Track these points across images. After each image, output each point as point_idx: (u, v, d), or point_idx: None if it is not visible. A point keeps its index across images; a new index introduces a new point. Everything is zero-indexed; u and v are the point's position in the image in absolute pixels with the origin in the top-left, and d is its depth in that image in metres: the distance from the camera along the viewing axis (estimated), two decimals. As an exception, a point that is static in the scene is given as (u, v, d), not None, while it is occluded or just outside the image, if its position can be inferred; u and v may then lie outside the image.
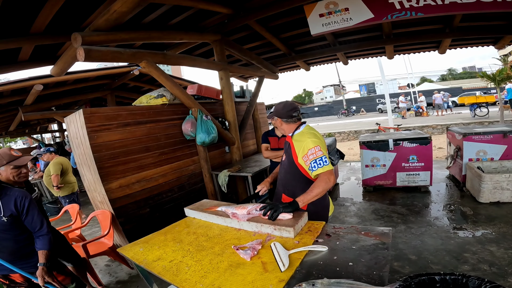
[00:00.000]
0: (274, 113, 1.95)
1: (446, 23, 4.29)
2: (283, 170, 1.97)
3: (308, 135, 1.78)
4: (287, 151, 1.92)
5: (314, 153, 1.67)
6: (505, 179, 3.44)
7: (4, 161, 1.87)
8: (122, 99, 7.55)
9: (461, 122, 11.10)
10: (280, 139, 3.19)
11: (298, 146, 1.78)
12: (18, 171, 1.92)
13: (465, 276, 1.39)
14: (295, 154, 1.81)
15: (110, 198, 2.91)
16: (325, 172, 1.64)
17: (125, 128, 3.08)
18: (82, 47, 2.47)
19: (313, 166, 1.66)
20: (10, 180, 1.91)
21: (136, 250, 1.63)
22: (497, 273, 2.24)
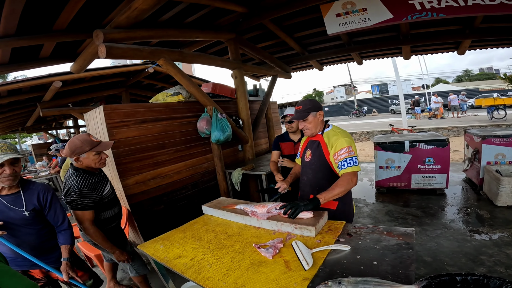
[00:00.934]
0: (313, 108, 1.85)
1: (466, 24, 4.18)
2: (311, 170, 1.93)
3: (342, 134, 1.81)
4: (316, 150, 1.88)
5: (346, 152, 1.70)
6: (525, 183, 3.35)
7: (86, 148, 1.85)
8: (136, 97, 7.67)
9: (478, 125, 10.81)
10: (297, 144, 2.83)
11: (332, 143, 1.79)
12: (99, 157, 1.92)
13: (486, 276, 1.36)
14: (328, 152, 1.81)
15: (127, 194, 2.96)
16: (350, 172, 1.67)
17: (142, 125, 3.12)
18: (103, 44, 2.51)
19: (343, 164, 1.69)
20: (89, 167, 1.91)
21: (156, 247, 1.64)
22: None
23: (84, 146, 1.84)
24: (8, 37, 2.70)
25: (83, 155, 1.85)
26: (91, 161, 1.88)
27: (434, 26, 4.33)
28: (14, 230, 1.63)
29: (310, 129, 1.88)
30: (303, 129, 1.90)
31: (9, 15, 2.35)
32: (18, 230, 1.66)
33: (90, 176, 1.89)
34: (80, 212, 1.83)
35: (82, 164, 1.89)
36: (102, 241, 1.93)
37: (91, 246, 2.81)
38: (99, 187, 1.93)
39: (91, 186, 1.86)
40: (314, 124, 1.87)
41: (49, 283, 1.89)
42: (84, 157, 1.86)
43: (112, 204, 2.08)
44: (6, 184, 1.59)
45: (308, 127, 1.87)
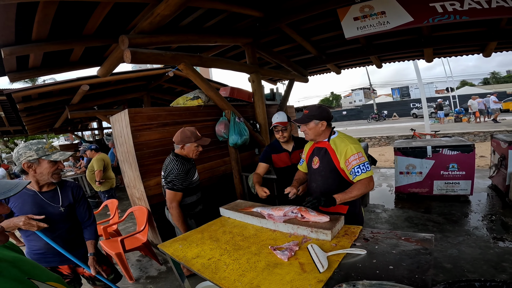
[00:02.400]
0: (317, 116, 1.85)
1: (491, 26, 4.01)
2: (320, 177, 1.93)
3: (349, 140, 1.83)
4: (324, 157, 1.88)
5: (357, 159, 1.73)
6: (557, 191, 3.16)
7: (192, 139, 2.29)
8: (156, 100, 7.92)
9: (505, 130, 10.25)
10: (292, 153, 2.58)
11: (340, 151, 1.80)
12: (197, 149, 2.35)
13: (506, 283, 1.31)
14: (337, 159, 1.82)
15: (148, 195, 3.07)
16: (367, 178, 1.72)
17: (164, 128, 3.24)
18: (129, 49, 2.64)
19: (356, 171, 1.73)
20: (188, 156, 2.33)
21: (175, 247, 1.69)
22: None
23: (191, 137, 2.29)
24: (41, 41, 2.85)
25: (187, 144, 2.28)
26: (191, 151, 2.32)
27: (458, 28, 4.18)
28: (51, 226, 1.74)
29: (309, 135, 1.91)
30: (304, 132, 1.92)
31: (41, 20, 2.49)
32: (54, 225, 1.77)
33: (186, 163, 2.29)
34: (173, 192, 2.21)
35: (184, 151, 2.31)
36: (181, 222, 2.25)
37: (112, 244, 2.95)
38: (191, 173, 2.32)
39: (186, 170, 2.25)
40: (314, 131, 1.88)
41: (74, 278, 1.98)
42: (188, 146, 2.29)
43: (196, 190, 2.46)
44: (55, 179, 1.76)
45: (307, 132, 1.89)
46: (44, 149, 1.68)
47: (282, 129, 2.49)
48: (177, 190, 2.22)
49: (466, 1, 2.87)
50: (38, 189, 1.74)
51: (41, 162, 1.67)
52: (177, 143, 2.31)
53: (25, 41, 2.81)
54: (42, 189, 1.76)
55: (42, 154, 1.66)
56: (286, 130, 2.51)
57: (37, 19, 2.47)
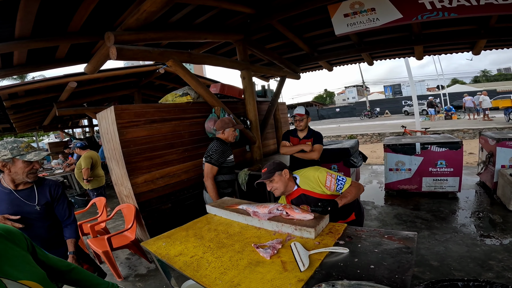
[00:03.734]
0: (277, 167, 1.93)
1: (481, 24, 4.05)
2: None
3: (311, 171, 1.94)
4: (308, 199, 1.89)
5: (331, 179, 1.86)
6: (542, 188, 3.22)
7: (230, 125, 2.74)
8: (148, 97, 7.84)
9: (495, 127, 10.43)
10: (301, 140, 3.14)
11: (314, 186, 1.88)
12: (234, 133, 2.78)
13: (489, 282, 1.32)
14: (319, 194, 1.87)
15: (135, 193, 3.03)
16: (349, 186, 1.83)
17: (152, 125, 3.20)
18: (114, 46, 2.58)
19: (339, 188, 1.84)
20: (227, 139, 2.76)
21: (159, 245, 1.68)
22: None
23: (229, 123, 2.75)
24: (24, 38, 2.79)
25: (227, 129, 2.73)
26: (230, 135, 2.75)
27: (448, 26, 4.22)
28: (28, 224, 1.72)
29: (279, 189, 1.91)
30: (272, 190, 1.93)
31: (24, 17, 2.43)
32: (32, 224, 1.75)
33: (224, 145, 2.71)
34: (210, 165, 2.58)
35: (224, 136, 2.75)
36: (215, 193, 2.57)
37: (99, 243, 2.91)
38: (227, 153, 2.68)
39: (223, 149, 2.64)
40: (281, 183, 1.91)
41: None
42: (227, 131, 2.73)
43: (230, 171, 2.79)
44: (31, 179, 1.73)
45: (276, 187, 1.90)
46: (19, 148, 1.64)
47: (299, 119, 3.06)
48: (213, 164, 2.58)
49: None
50: (14, 187, 1.72)
51: (16, 162, 1.64)
52: (218, 129, 2.76)
53: (8, 39, 2.75)
54: (18, 187, 1.73)
55: (17, 153, 1.62)
56: (302, 120, 3.06)
57: (19, 16, 2.41)
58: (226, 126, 2.73)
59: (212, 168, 2.58)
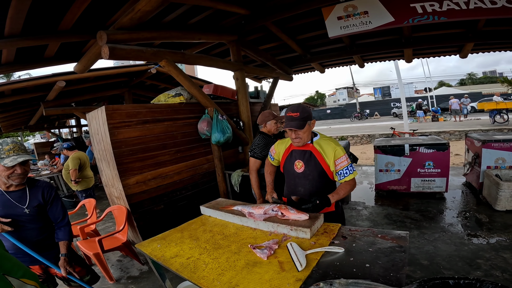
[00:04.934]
0: (309, 117, 1.78)
1: (469, 28, 4.16)
2: (308, 181, 1.87)
3: (335, 142, 1.85)
4: (310, 160, 1.84)
5: (345, 161, 1.77)
6: (524, 188, 3.34)
7: (271, 117, 2.77)
8: (139, 97, 7.73)
9: (480, 129, 10.77)
10: None
11: (328, 154, 1.79)
12: (276, 125, 2.80)
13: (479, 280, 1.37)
14: (325, 162, 1.80)
15: (126, 194, 2.99)
16: (353, 179, 1.81)
17: (144, 126, 3.16)
18: (107, 45, 2.55)
19: (345, 172, 1.77)
20: (270, 132, 2.79)
21: (154, 247, 1.66)
22: (509, 279, 2.23)
23: (270, 116, 2.77)
24: (14, 37, 2.72)
25: (268, 122, 2.77)
26: (272, 127, 2.78)
27: (437, 29, 4.31)
28: (18, 226, 1.68)
29: (303, 139, 1.80)
30: (294, 139, 1.82)
31: (15, 15, 2.37)
32: (22, 226, 1.71)
33: (267, 137, 2.74)
34: (253, 159, 2.59)
35: (266, 129, 2.79)
36: (256, 187, 2.54)
37: (90, 245, 2.86)
38: (270, 146, 2.41)
39: (266, 143, 2.65)
40: (307, 134, 1.81)
41: (47, 279, 1.93)
42: (269, 123, 2.77)
43: None
44: (16, 182, 1.67)
45: (301, 136, 1.78)
46: (2, 151, 1.60)
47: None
48: (256, 158, 2.58)
49: (445, 2, 2.95)
50: (5, 188, 1.69)
51: None
52: (260, 123, 2.82)
53: (-4, 37, 2.68)
54: (9, 188, 1.70)
55: None
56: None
57: (10, 14, 2.35)
58: (267, 119, 2.77)
59: (255, 161, 2.58)
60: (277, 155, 2.06)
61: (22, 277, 0.87)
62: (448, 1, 2.92)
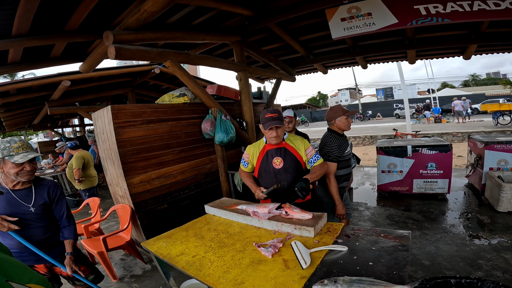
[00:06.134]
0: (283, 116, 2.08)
1: (472, 29, 4.17)
2: (288, 174, 2.08)
3: (300, 137, 2.19)
4: (286, 155, 2.08)
5: (311, 150, 2.11)
6: (526, 189, 3.34)
7: (340, 113, 2.46)
8: (142, 97, 7.77)
9: (483, 130, 10.73)
10: None
11: (298, 147, 2.09)
12: (348, 121, 2.47)
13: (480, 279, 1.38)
14: (299, 154, 2.09)
15: (131, 193, 3.02)
16: (321, 163, 2.10)
17: (148, 125, 3.19)
18: (113, 45, 2.58)
19: (314, 159, 2.08)
20: (340, 129, 2.49)
21: (159, 245, 1.69)
22: (510, 279, 2.25)
23: (339, 111, 2.46)
24: (21, 36, 2.75)
25: (338, 118, 2.45)
26: (343, 123, 2.46)
27: (440, 31, 4.32)
28: (24, 225, 1.70)
29: (280, 136, 2.04)
30: (275, 137, 2.00)
31: (23, 15, 2.39)
32: (27, 224, 1.73)
33: (339, 137, 2.46)
34: (329, 163, 2.38)
35: (336, 126, 2.49)
36: (336, 191, 2.38)
37: (94, 243, 2.89)
38: (343, 146, 2.45)
39: (338, 144, 2.41)
40: (283, 132, 2.08)
41: (52, 278, 1.95)
42: (338, 120, 2.45)
43: (347, 164, 2.58)
44: (25, 179, 1.70)
45: (280, 134, 2.02)
46: (11, 148, 1.62)
47: (288, 120, 3.13)
48: (331, 161, 2.40)
49: (449, 4, 2.96)
50: (12, 187, 1.71)
51: (6, 162, 1.63)
52: (329, 119, 2.55)
53: (4, 36, 2.70)
54: (15, 187, 1.72)
55: (7, 154, 1.61)
56: (291, 122, 3.17)
57: (18, 14, 2.37)
58: (337, 116, 2.48)
59: (331, 165, 2.40)
60: (251, 159, 2.20)
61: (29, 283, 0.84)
62: (452, 2, 2.93)
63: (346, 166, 2.56)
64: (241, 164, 2.31)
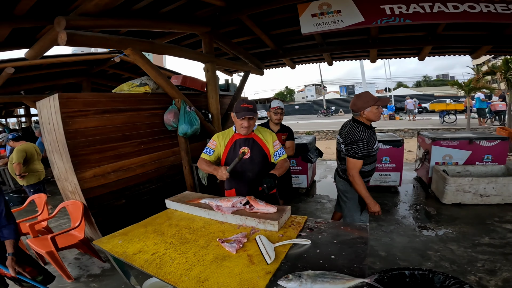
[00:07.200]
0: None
1: (430, 31, 4.44)
2: (254, 165, 2.06)
3: (268, 130, 2.18)
4: (254, 146, 2.07)
5: (278, 144, 2.12)
6: (467, 182, 3.72)
7: (371, 102, 2.12)
8: (99, 86, 7.21)
9: (431, 128, 11.77)
10: (277, 134, 2.99)
11: (267, 139, 2.11)
12: (379, 110, 2.16)
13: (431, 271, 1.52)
14: (266, 146, 2.10)
15: (82, 188, 2.79)
16: (285, 158, 2.12)
17: (104, 115, 2.95)
18: (65, 31, 2.33)
19: (279, 153, 2.11)
20: (370, 120, 2.19)
21: (114, 243, 1.57)
22: (457, 270, 2.41)
23: (370, 100, 2.13)
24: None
25: (368, 108, 2.13)
26: (373, 114, 2.15)
27: (401, 32, 4.55)
28: None
29: (251, 127, 2.03)
30: (246, 127, 1.98)
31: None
32: None
33: (368, 130, 2.17)
34: (354, 160, 2.13)
35: (365, 117, 2.17)
36: (363, 188, 2.16)
37: (42, 243, 2.64)
38: (372, 141, 2.18)
39: (368, 138, 2.13)
40: (254, 123, 2.08)
41: None
42: (368, 110, 2.14)
43: (373, 160, 2.30)
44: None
45: (252, 125, 2.01)
46: None
47: (280, 112, 3.07)
48: (358, 158, 2.12)
49: (412, 5, 3.13)
50: None
51: None
52: (356, 109, 2.21)
53: None
54: None
55: None
56: (282, 114, 3.09)
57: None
58: (367, 105, 2.13)
59: (356, 162, 2.13)
60: (218, 147, 2.11)
61: None
62: (414, 4, 3.09)
63: (372, 162, 2.30)
64: (203, 153, 2.13)
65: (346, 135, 2.24)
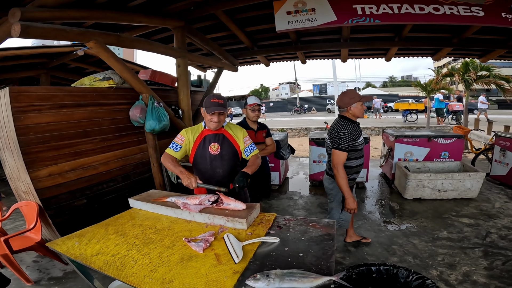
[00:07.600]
0: None
1: (397, 32, 4.64)
2: (224, 161, 2.01)
3: (238, 126, 2.16)
4: (224, 142, 2.02)
5: (248, 139, 2.09)
6: (426, 178, 3.95)
7: (357, 98, 2.32)
8: (59, 80, 6.67)
9: (395, 126, 12.46)
10: (257, 132, 2.96)
11: (237, 135, 2.07)
12: (363, 107, 2.37)
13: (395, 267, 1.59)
14: (236, 142, 2.07)
15: (37, 188, 2.56)
16: (256, 154, 2.09)
17: (61, 110, 2.72)
18: (19, 23, 2.15)
19: (250, 149, 2.07)
20: (355, 116, 2.36)
21: (70, 244, 1.47)
22: (419, 264, 2.52)
23: (355, 97, 2.33)
24: None
25: (353, 105, 2.32)
26: (358, 111, 2.34)
27: (370, 32, 4.72)
28: None
29: (221, 122, 1.98)
30: (217, 122, 1.93)
31: None
32: None
33: (352, 124, 2.34)
34: (338, 152, 2.26)
35: (351, 112, 2.35)
36: (344, 183, 2.25)
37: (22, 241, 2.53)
38: (356, 134, 2.32)
39: (351, 131, 2.28)
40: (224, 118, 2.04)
41: None
42: (354, 106, 2.32)
43: (359, 155, 2.44)
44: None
45: (222, 120, 1.97)
46: None
47: (258, 109, 2.91)
48: (342, 150, 2.26)
49: (382, 6, 3.24)
50: None
51: None
52: (343, 105, 2.38)
53: None
54: None
55: None
56: (260, 111, 2.95)
57: None
58: (353, 101, 2.31)
59: (340, 154, 2.26)
60: (187, 142, 2.03)
61: None
62: (384, 4, 3.21)
63: (358, 157, 2.43)
64: (169, 148, 2.03)
65: (332, 129, 2.42)
